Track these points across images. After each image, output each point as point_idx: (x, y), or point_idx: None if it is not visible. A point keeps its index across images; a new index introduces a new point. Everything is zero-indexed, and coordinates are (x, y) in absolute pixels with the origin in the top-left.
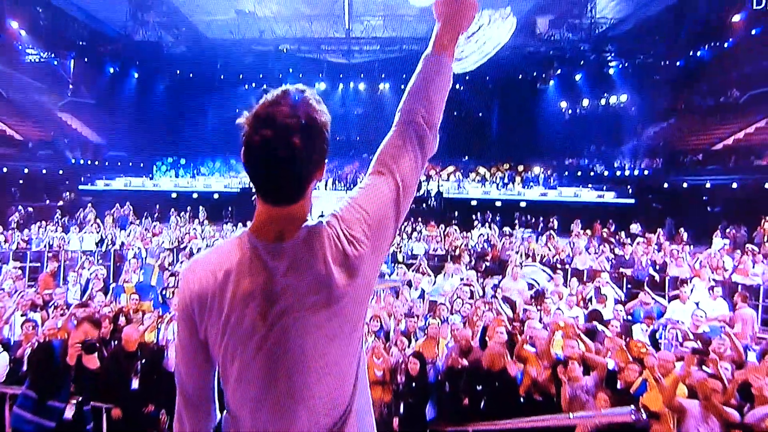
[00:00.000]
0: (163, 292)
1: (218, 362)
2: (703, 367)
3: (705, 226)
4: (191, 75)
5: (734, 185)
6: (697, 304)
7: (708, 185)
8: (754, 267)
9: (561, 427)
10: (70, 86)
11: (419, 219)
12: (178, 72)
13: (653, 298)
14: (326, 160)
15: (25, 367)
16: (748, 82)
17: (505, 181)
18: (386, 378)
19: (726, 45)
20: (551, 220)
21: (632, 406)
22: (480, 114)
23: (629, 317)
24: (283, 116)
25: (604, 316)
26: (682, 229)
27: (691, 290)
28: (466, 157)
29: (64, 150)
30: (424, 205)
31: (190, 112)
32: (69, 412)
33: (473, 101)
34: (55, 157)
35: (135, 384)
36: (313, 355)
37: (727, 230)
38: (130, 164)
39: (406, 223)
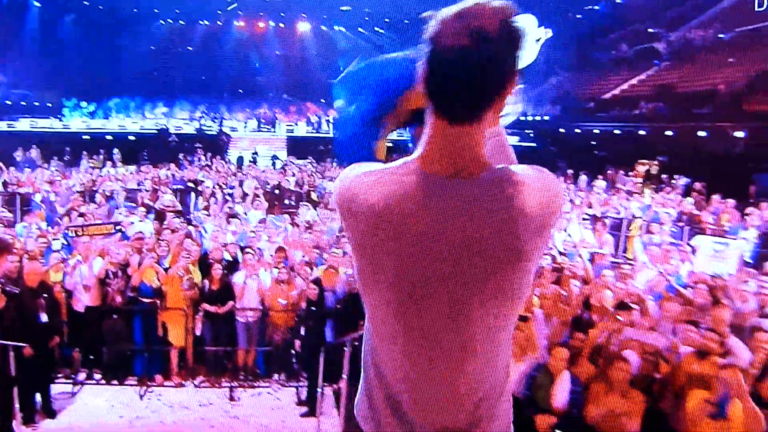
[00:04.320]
0: (66, 232)
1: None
2: (556, 286)
3: (591, 168)
4: (101, 8)
5: (616, 131)
6: (567, 232)
7: (596, 131)
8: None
9: None
10: None
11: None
12: (87, 3)
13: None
14: None
15: None
16: (635, 37)
17: None
18: (290, 305)
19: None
20: None
21: None
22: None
23: None
24: None
25: None
26: (570, 171)
27: (567, 222)
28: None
29: None
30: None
31: (102, 48)
32: None
33: None
34: None
35: (44, 318)
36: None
37: (608, 172)
38: (36, 104)
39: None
